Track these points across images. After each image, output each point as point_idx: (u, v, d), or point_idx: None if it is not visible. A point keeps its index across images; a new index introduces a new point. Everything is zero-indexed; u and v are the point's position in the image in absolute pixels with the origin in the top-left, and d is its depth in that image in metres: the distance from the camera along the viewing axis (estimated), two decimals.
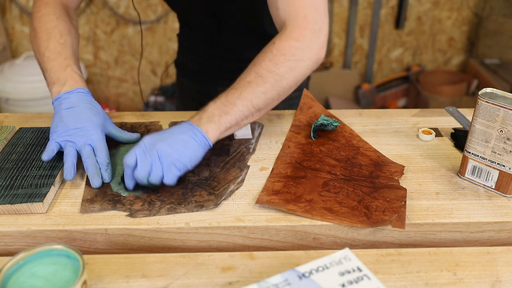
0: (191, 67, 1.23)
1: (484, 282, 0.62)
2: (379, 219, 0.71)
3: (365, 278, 0.55)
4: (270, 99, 0.83)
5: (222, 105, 0.80)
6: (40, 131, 0.92)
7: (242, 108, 0.80)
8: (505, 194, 0.78)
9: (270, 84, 0.81)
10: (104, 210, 0.73)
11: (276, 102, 0.85)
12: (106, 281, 0.61)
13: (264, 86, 0.81)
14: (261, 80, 0.81)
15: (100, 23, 2.54)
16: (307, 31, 0.82)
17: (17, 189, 0.75)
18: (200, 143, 0.77)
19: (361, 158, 0.87)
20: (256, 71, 0.81)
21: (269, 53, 0.82)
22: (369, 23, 2.71)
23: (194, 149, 0.77)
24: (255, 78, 0.81)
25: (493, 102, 0.74)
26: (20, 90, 2.20)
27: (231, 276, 0.62)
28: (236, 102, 0.79)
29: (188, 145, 0.76)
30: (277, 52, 0.81)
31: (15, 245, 0.71)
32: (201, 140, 0.78)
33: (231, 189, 0.78)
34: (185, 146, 0.76)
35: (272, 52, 0.82)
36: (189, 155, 0.76)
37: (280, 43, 0.82)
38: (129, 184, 0.77)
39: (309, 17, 0.82)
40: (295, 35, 0.82)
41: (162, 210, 0.73)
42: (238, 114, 0.80)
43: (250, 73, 0.82)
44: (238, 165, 0.85)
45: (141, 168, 0.75)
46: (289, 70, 0.82)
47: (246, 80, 0.81)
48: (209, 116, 0.79)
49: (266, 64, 0.81)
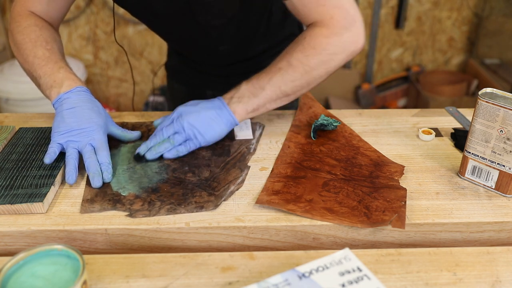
0: (180, 70, 1.22)
1: (484, 282, 0.62)
2: (379, 219, 0.71)
3: (365, 278, 0.55)
4: (299, 87, 0.86)
5: (252, 88, 0.85)
6: (40, 131, 0.92)
7: (271, 92, 0.85)
8: (505, 194, 0.78)
9: (299, 73, 0.85)
10: (104, 210, 0.73)
11: (305, 89, 0.88)
12: (106, 281, 0.61)
13: (293, 75, 0.85)
14: (291, 69, 0.84)
15: (100, 23, 2.54)
16: (336, 28, 0.84)
17: (17, 189, 0.75)
18: (226, 122, 0.85)
19: (361, 158, 0.87)
20: (288, 60, 0.85)
21: (300, 45, 0.85)
22: (369, 23, 2.71)
23: (219, 126, 0.85)
24: (286, 66, 0.85)
25: (493, 102, 0.74)
26: (20, 90, 2.20)
27: (231, 276, 0.62)
28: (265, 86, 0.85)
29: (214, 122, 0.84)
30: (308, 46, 0.84)
31: (15, 245, 0.71)
32: (228, 119, 0.85)
33: (231, 190, 0.78)
34: (210, 122, 0.84)
35: (303, 45, 0.85)
36: (212, 132, 0.85)
37: (310, 39, 0.85)
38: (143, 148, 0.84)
39: (336, 16, 0.84)
40: (325, 32, 0.84)
41: (162, 211, 0.73)
42: (266, 97, 0.85)
43: (282, 60, 0.85)
44: (238, 165, 0.85)
45: (166, 130, 0.85)
46: (320, 63, 0.85)
47: (277, 66, 0.85)
48: (240, 96, 0.85)
49: (298, 55, 0.84)
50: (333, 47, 0.85)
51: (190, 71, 1.19)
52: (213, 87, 1.17)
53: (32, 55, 0.88)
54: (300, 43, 0.85)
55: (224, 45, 1.05)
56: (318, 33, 0.84)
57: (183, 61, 1.20)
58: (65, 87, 0.84)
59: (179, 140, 0.85)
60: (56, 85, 0.85)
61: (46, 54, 0.88)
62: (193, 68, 1.18)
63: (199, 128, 0.84)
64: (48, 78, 0.86)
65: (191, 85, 1.22)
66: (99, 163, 0.80)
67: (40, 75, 0.87)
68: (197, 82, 1.19)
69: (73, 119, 0.82)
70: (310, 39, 0.84)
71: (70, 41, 2.58)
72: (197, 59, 1.15)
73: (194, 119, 0.84)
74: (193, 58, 1.16)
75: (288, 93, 0.86)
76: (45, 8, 0.95)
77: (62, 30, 2.54)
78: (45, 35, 0.91)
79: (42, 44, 0.89)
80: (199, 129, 0.84)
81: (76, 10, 2.51)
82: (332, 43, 0.84)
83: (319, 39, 0.84)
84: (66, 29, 2.55)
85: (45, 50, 0.88)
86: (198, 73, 1.18)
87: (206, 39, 1.02)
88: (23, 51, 0.89)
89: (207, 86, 1.19)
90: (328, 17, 0.84)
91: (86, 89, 0.87)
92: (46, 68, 0.86)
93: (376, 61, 2.84)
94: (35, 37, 0.90)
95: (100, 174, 0.79)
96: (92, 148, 0.81)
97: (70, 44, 2.59)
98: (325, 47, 0.84)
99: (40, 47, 0.89)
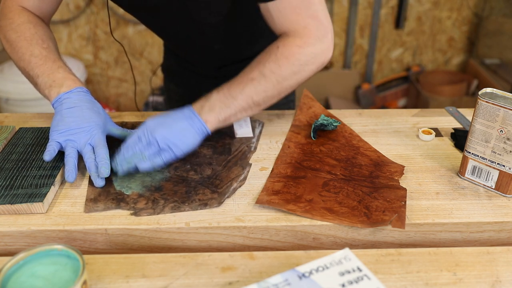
0: (176, 71, 1.22)
1: (484, 282, 0.62)
2: (379, 219, 0.71)
3: (365, 278, 0.55)
4: (271, 97, 0.86)
5: (224, 97, 0.83)
6: (40, 131, 0.92)
7: (242, 102, 0.83)
8: (505, 194, 0.78)
9: (272, 84, 0.84)
10: (108, 209, 0.74)
11: (275, 99, 0.87)
12: (106, 281, 0.61)
13: (266, 86, 0.84)
14: (264, 79, 0.83)
15: (100, 23, 2.54)
16: (310, 39, 0.84)
17: (17, 189, 0.75)
18: (198, 131, 0.82)
19: (361, 158, 0.87)
20: (260, 70, 0.84)
21: (273, 55, 0.84)
22: (369, 23, 2.71)
23: (192, 136, 0.82)
24: (258, 76, 0.83)
25: (493, 102, 0.74)
26: (20, 90, 2.20)
27: (231, 276, 0.62)
28: (237, 96, 0.83)
29: (187, 132, 0.82)
30: (281, 56, 0.83)
31: (15, 245, 0.71)
32: (200, 128, 0.82)
33: (234, 187, 0.79)
34: (184, 133, 0.81)
35: (276, 55, 0.83)
36: (186, 142, 0.82)
37: (283, 48, 0.83)
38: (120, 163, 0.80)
39: (310, 26, 0.84)
40: (298, 42, 0.83)
41: (166, 209, 0.73)
42: (238, 107, 0.84)
43: (254, 70, 0.84)
44: (240, 163, 0.85)
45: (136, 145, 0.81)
46: (292, 74, 0.84)
47: (249, 76, 0.84)
48: (211, 106, 0.83)
49: (270, 65, 0.83)
50: (305, 58, 0.84)
51: (186, 72, 1.19)
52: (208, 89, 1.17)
53: (28, 53, 0.87)
54: (272, 52, 0.84)
55: (219, 44, 1.05)
56: (291, 42, 0.83)
57: (178, 62, 1.19)
58: (65, 87, 0.84)
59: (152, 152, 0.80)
60: (56, 85, 0.84)
61: (43, 53, 0.87)
62: (188, 70, 1.18)
63: (173, 139, 0.81)
64: (47, 77, 0.85)
65: (187, 86, 1.21)
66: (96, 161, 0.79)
67: (38, 74, 0.86)
68: (193, 83, 1.19)
69: (72, 118, 0.82)
70: (284, 49, 0.83)
71: (70, 41, 2.58)
72: (193, 59, 1.14)
73: (167, 132, 0.81)
74: (189, 58, 1.15)
75: (259, 103, 0.85)
76: (37, 4, 0.94)
77: (62, 30, 2.54)
78: (40, 33, 0.90)
79: (38, 42, 0.88)
80: (173, 140, 0.81)
81: (76, 10, 2.51)
82: (304, 53, 0.83)
83: (292, 49, 0.83)
84: (66, 29, 2.55)
85: (41, 49, 0.88)
86: (194, 74, 1.17)
87: (201, 37, 1.02)
88: (18, 49, 0.88)
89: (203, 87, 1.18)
90: (302, 27, 0.84)
91: (86, 90, 0.87)
92: (44, 68, 0.86)
93: (376, 61, 2.84)
94: (30, 36, 0.89)
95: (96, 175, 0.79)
96: (91, 148, 0.81)
97: (70, 44, 2.59)
98: (298, 57, 0.83)
99: (36, 46, 0.88)
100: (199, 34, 1.00)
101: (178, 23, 0.97)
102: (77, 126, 0.81)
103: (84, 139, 0.81)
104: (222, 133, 0.94)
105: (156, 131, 0.80)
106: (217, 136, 0.93)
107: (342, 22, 2.70)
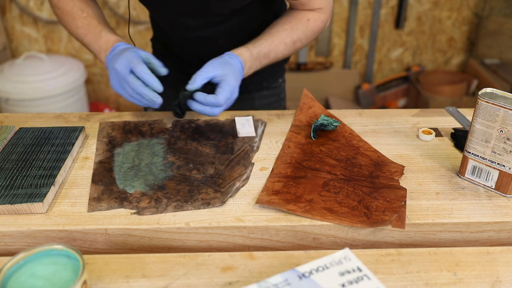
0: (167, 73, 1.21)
1: (484, 282, 0.62)
2: (379, 219, 0.71)
3: (365, 278, 0.55)
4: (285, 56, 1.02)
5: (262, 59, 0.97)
6: (40, 131, 0.92)
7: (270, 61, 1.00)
8: (505, 194, 0.78)
9: (294, 49, 1.01)
10: (111, 208, 0.74)
11: None
12: (106, 281, 0.61)
13: (290, 50, 1.01)
14: (292, 45, 1.00)
15: None
16: (328, 16, 1.04)
17: (17, 189, 0.75)
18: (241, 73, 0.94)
19: (361, 158, 0.87)
20: (292, 37, 0.99)
21: (304, 26, 1.00)
22: (369, 23, 2.71)
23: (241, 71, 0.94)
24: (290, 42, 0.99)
25: (493, 102, 0.74)
26: (20, 90, 2.20)
27: (231, 276, 0.62)
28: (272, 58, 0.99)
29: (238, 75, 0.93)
30: (310, 29, 1.01)
31: (15, 245, 0.71)
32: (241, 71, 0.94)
33: (237, 186, 0.79)
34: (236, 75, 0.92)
35: (307, 27, 1.00)
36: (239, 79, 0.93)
37: (313, 22, 1.01)
38: None
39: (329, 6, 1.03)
40: (323, 18, 1.02)
41: (169, 208, 0.74)
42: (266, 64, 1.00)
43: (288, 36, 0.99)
44: (242, 162, 0.85)
45: None
46: (309, 42, 1.04)
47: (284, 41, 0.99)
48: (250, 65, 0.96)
49: (300, 35, 1.00)
50: (321, 31, 1.05)
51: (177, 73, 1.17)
52: None
53: (74, 26, 0.99)
54: (304, 23, 1.00)
55: (223, 38, 1.06)
56: (319, 18, 1.01)
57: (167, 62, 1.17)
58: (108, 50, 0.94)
59: None
60: (102, 50, 0.95)
61: (85, 23, 0.98)
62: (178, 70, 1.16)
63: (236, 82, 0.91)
64: (94, 45, 0.97)
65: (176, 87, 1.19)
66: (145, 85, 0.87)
67: (87, 44, 0.98)
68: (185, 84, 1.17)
69: (121, 56, 0.90)
70: (313, 23, 1.01)
71: (70, 41, 2.58)
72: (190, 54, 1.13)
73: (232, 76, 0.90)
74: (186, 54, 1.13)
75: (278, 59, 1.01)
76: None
77: (62, 30, 2.54)
78: (77, 3, 0.99)
79: (78, 13, 0.99)
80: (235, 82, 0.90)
81: None
82: (323, 28, 1.04)
83: (319, 24, 1.02)
84: None
85: (83, 20, 0.98)
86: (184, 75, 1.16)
87: (209, 31, 1.03)
88: (66, 23, 1.01)
89: None
90: (326, 4, 1.02)
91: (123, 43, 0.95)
92: (89, 37, 0.97)
93: (376, 61, 2.84)
94: (69, 9, 0.99)
95: (152, 91, 0.87)
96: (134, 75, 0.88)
97: (70, 44, 2.59)
98: (319, 30, 1.03)
99: (78, 18, 0.99)
100: (209, 27, 1.03)
101: (193, 14, 1.00)
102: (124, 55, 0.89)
103: (127, 60, 0.88)
104: (224, 133, 0.94)
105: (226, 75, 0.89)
106: (220, 136, 0.93)
107: (342, 22, 2.70)
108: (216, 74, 0.89)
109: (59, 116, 1.01)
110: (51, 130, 0.91)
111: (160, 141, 0.91)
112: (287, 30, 0.99)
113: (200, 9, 0.98)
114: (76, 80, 2.31)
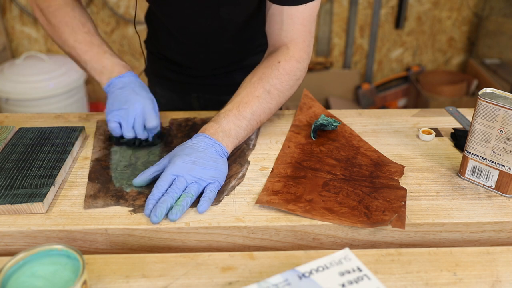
0: (163, 75, 1.17)
1: (484, 282, 0.62)
2: (379, 219, 0.71)
3: (365, 278, 0.55)
4: (272, 112, 0.90)
5: (236, 119, 0.83)
6: (40, 131, 0.92)
7: (253, 122, 0.85)
8: (505, 194, 0.78)
9: (275, 100, 0.88)
10: (107, 205, 0.74)
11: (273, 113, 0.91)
12: (106, 281, 0.61)
13: (270, 102, 0.87)
14: (269, 97, 0.86)
15: (100, 23, 2.54)
16: (305, 53, 0.90)
17: (17, 189, 0.75)
18: (224, 158, 0.81)
19: (361, 158, 0.87)
20: (264, 87, 0.86)
21: (275, 71, 0.87)
22: (369, 23, 2.71)
23: (223, 163, 0.80)
24: (263, 94, 0.86)
25: (493, 102, 0.74)
26: (20, 90, 2.20)
27: (231, 276, 0.62)
28: (249, 117, 0.84)
29: (219, 161, 0.79)
30: (283, 71, 0.87)
31: (15, 245, 0.71)
32: (225, 154, 0.81)
33: (232, 185, 0.79)
34: (217, 164, 0.78)
35: (278, 70, 0.87)
36: (223, 170, 0.79)
37: (285, 63, 0.88)
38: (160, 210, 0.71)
39: (307, 41, 0.90)
40: (297, 56, 0.89)
41: None
42: (249, 128, 0.85)
43: (258, 87, 0.86)
44: (238, 161, 0.85)
45: (173, 189, 0.73)
46: (289, 88, 0.89)
47: (254, 94, 0.85)
48: (225, 130, 0.82)
49: (273, 81, 0.87)
50: (300, 73, 0.90)
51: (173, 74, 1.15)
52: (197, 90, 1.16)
53: (72, 39, 0.93)
54: (274, 67, 0.87)
55: (229, 43, 1.05)
56: (291, 57, 0.88)
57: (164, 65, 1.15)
58: (116, 73, 0.90)
59: (196, 189, 0.75)
60: (106, 71, 0.91)
61: (87, 38, 0.93)
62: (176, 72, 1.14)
63: (211, 173, 0.77)
64: (96, 63, 0.91)
65: (173, 89, 1.18)
66: None
67: (86, 61, 0.92)
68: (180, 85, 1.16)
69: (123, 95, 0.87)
70: (285, 64, 0.87)
71: None
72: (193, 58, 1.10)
73: (202, 168, 0.77)
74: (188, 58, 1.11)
75: (263, 120, 0.88)
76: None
77: None
78: (78, 16, 0.94)
79: (78, 26, 0.93)
80: (211, 175, 0.77)
81: None
82: (300, 68, 0.89)
83: (293, 64, 0.88)
84: None
85: (84, 34, 0.93)
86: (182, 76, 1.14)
87: (217, 36, 1.02)
88: (61, 34, 0.94)
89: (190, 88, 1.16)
90: (302, 40, 0.89)
91: (134, 74, 0.92)
92: (90, 54, 0.92)
93: (376, 61, 2.84)
94: (70, 20, 0.93)
95: None
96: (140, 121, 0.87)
97: None
98: (295, 72, 0.89)
99: (79, 31, 0.93)
100: (217, 32, 1.01)
101: (203, 19, 0.97)
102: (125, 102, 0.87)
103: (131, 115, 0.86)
104: None
105: (191, 172, 0.75)
106: None
107: (342, 22, 2.70)
108: None
109: (59, 116, 1.01)
110: (51, 130, 0.91)
111: None
112: (255, 83, 0.86)
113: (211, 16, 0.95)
114: (76, 80, 2.31)
